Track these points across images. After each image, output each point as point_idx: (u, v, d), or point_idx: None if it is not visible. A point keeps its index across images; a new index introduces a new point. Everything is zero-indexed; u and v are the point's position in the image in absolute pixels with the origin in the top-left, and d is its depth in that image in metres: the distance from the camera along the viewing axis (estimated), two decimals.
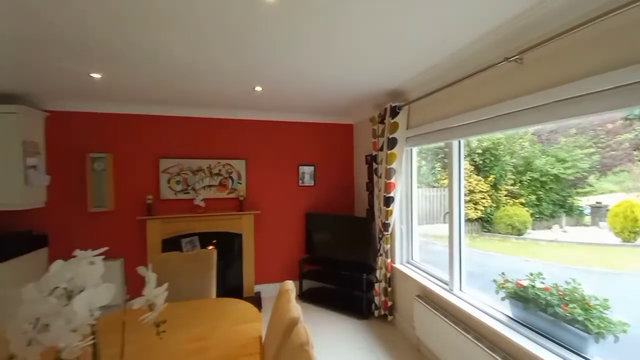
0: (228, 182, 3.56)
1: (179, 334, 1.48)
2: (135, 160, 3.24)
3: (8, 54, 1.88)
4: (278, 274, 3.72)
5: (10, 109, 2.63)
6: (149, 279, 1.04)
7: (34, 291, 0.85)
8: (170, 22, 1.53)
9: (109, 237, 3.13)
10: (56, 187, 3.00)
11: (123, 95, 2.84)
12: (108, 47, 1.80)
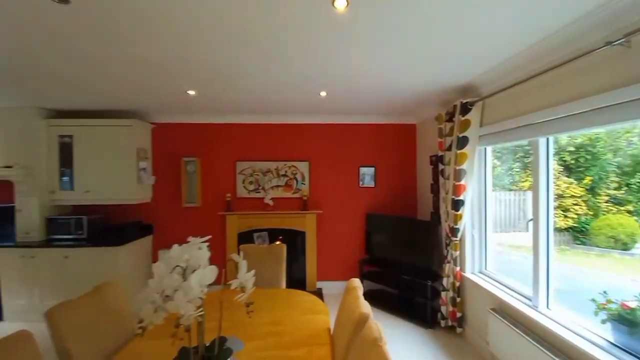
0: (293, 182, 3.81)
1: (259, 317, 1.68)
2: (218, 163, 3.73)
3: (132, 78, 2.38)
4: (338, 272, 3.82)
5: (128, 123, 3.30)
6: (241, 265, 1.22)
7: (163, 268, 1.10)
8: (246, 46, 1.75)
9: (198, 228, 3.67)
10: (159, 185, 3.65)
11: (209, 108, 3.30)
12: (201, 70, 2.15)
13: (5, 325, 2.96)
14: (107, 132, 3.27)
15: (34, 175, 3.13)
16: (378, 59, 1.99)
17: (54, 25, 1.53)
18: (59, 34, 1.61)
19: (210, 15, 1.44)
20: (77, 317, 1.34)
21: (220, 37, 1.66)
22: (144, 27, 1.56)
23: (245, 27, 1.56)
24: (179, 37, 1.67)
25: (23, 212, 3.14)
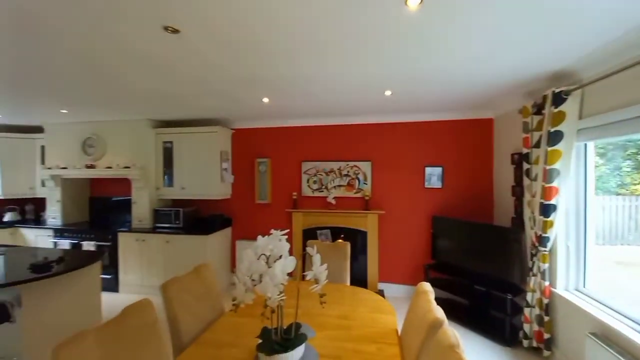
0: (355, 182, 3.85)
1: (328, 309, 1.77)
2: (285, 164, 4.01)
3: (221, 93, 2.75)
4: (401, 276, 3.72)
5: (214, 129, 3.81)
6: (315, 259, 1.33)
7: (252, 255, 1.27)
8: (315, 55, 1.85)
9: (268, 223, 4.01)
10: (237, 184, 4.12)
11: (279, 113, 3.58)
12: (275, 81, 2.36)
13: (120, 296, 3.73)
14: (198, 138, 3.84)
15: (146, 174, 3.87)
16: (453, 52, 1.89)
17: (163, 52, 1.88)
18: (169, 59, 1.98)
19: (284, 30, 1.59)
20: (183, 291, 1.64)
21: (293, 50, 1.81)
22: (238, 50, 1.81)
23: (314, 37, 1.67)
24: (259, 55, 1.88)
25: (137, 204, 3.91)
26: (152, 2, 1.33)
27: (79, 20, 1.50)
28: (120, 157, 3.90)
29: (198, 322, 1.65)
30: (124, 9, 1.39)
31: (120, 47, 1.80)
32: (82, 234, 3.83)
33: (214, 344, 1.45)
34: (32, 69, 2.15)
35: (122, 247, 3.75)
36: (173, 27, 1.56)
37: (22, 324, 2.04)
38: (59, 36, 1.66)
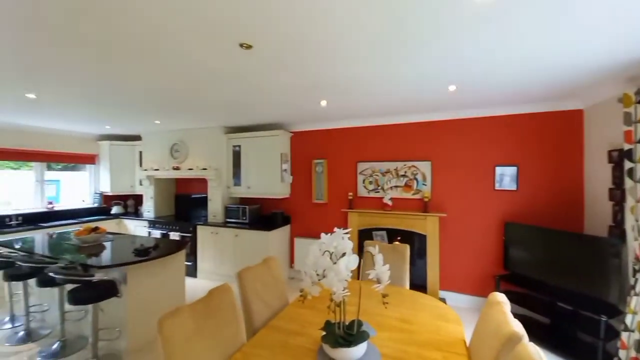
0: (413, 183, 3.71)
1: (388, 310, 1.77)
2: (341, 164, 4.09)
3: (284, 100, 2.96)
4: (466, 285, 3.46)
5: (276, 133, 4.10)
6: (378, 259, 1.35)
7: (317, 251, 1.36)
8: (378, 56, 1.86)
9: (324, 222, 4.15)
10: (295, 184, 4.35)
11: (336, 114, 3.67)
12: (334, 84, 2.44)
13: (198, 281, 4.26)
14: (261, 142, 4.19)
15: (219, 174, 4.36)
16: (525, 41, 1.71)
17: (237, 67, 2.11)
18: (241, 72, 2.21)
19: (347, 35, 1.64)
20: (254, 279, 1.83)
21: (355, 52, 1.86)
22: (302, 57, 1.94)
23: (377, 38, 1.68)
24: (322, 60, 1.98)
25: (212, 201, 4.43)
26: (232, 23, 1.52)
27: (171, 44, 1.79)
28: (199, 159, 4.49)
29: (267, 308, 1.82)
30: (206, 32, 1.62)
31: (201, 65, 2.08)
32: (169, 226, 4.51)
33: (282, 330, 1.59)
34: (134, 89, 2.63)
35: (200, 238, 4.30)
36: (247, 44, 1.76)
37: (126, 298, 2.52)
38: (155, 59, 2.00)
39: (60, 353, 2.47)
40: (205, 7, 1.37)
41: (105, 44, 1.75)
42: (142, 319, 2.61)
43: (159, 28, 1.57)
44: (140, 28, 1.57)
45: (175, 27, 1.56)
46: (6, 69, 2.11)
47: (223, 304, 1.50)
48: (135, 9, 1.39)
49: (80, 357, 2.43)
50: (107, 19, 1.47)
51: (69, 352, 2.49)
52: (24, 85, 2.49)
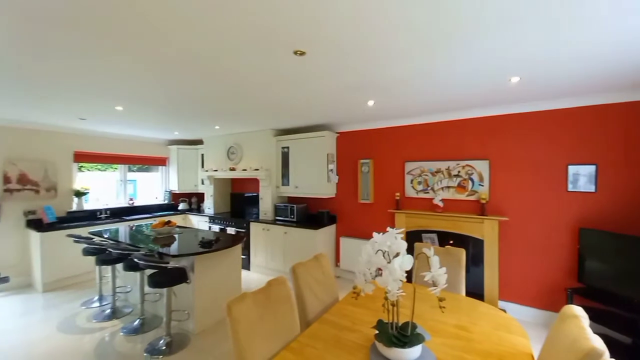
0: (468, 183, 3.48)
1: (443, 316, 1.71)
2: (388, 164, 4.02)
3: (333, 101, 3.03)
4: (531, 297, 3.13)
5: (322, 134, 4.20)
6: (434, 261, 1.32)
7: (370, 249, 1.38)
8: (432, 52, 1.79)
9: (370, 222, 4.12)
10: (341, 184, 4.40)
11: (383, 114, 3.62)
12: (382, 83, 2.42)
13: (251, 274, 4.55)
14: (308, 143, 4.32)
15: (270, 174, 4.62)
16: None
17: (290, 73, 2.22)
18: (294, 78, 2.33)
19: (399, 32, 1.63)
20: (307, 274, 1.92)
21: (407, 49, 1.83)
22: (352, 59, 1.98)
23: (429, 35, 1.64)
24: (371, 60, 1.99)
25: (263, 199, 4.71)
26: (287, 32, 1.62)
27: (232, 58, 1.97)
28: (252, 161, 4.81)
29: (319, 302, 1.90)
30: (263, 43, 1.75)
31: (258, 73, 2.24)
32: (226, 221, 4.92)
33: (334, 325, 1.64)
34: (200, 99, 2.94)
35: (253, 234, 4.60)
36: (301, 51, 1.85)
37: (194, 284, 2.83)
38: (217, 72, 2.22)
39: (140, 329, 2.87)
40: (261, 20, 1.48)
41: (181, 63, 2.01)
42: (207, 304, 2.91)
43: (223, 44, 1.74)
44: (206, 45, 1.76)
45: (236, 42, 1.72)
46: (104, 87, 2.54)
47: (280, 294, 1.60)
48: (202, 29, 1.57)
49: (156, 334, 2.79)
50: (185, 42, 1.69)
51: (147, 329, 2.88)
52: (114, 99, 2.96)
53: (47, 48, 1.80)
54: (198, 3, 1.35)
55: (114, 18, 1.47)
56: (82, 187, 4.58)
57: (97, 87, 2.55)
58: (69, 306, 3.41)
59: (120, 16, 1.46)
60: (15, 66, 2.08)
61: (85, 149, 4.65)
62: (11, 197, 3.89)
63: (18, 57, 1.93)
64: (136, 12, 1.42)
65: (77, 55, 1.90)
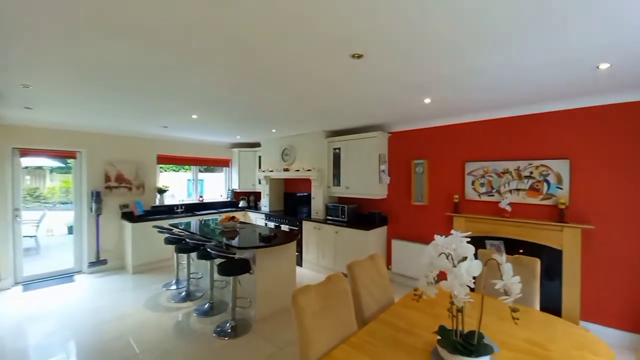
0: (542, 186, 3.11)
1: (513, 329, 1.58)
2: (445, 164, 3.81)
3: (390, 100, 3.01)
4: (620, 319, 2.66)
5: (374, 135, 4.17)
6: (506, 268, 1.24)
7: (433, 251, 1.35)
8: (501, 45, 1.66)
9: (424, 225, 3.95)
10: (393, 185, 4.31)
11: (439, 112, 3.45)
12: (442, 80, 2.32)
13: (303, 270, 4.73)
14: (360, 143, 4.34)
15: (321, 175, 4.76)
16: None
17: (346, 76, 2.28)
18: (351, 80, 2.38)
19: (466, 25, 1.55)
20: (362, 272, 1.95)
21: (475, 42, 1.74)
22: (411, 58, 1.96)
23: (500, 27, 1.53)
24: (430, 57, 1.93)
25: (315, 199, 4.87)
26: (344, 37, 1.67)
27: (295, 63, 2.10)
28: (305, 162, 5.02)
29: (374, 302, 1.91)
30: (322, 48, 1.83)
31: (316, 78, 2.35)
32: (280, 219, 5.21)
33: (391, 326, 1.64)
34: (262, 106, 3.18)
35: (305, 231, 4.79)
36: (358, 54, 1.89)
37: (256, 275, 3.07)
38: (281, 79, 2.38)
39: (209, 312, 3.22)
40: (319, 26, 1.55)
41: (254, 74, 2.23)
42: (267, 294, 3.14)
43: (289, 54, 1.88)
44: (277, 57, 1.92)
45: (301, 50, 1.84)
46: (184, 98, 2.94)
47: (338, 290, 1.67)
48: (279, 44, 1.72)
49: (223, 317, 3.11)
50: (263, 57, 1.87)
51: (215, 312, 3.23)
52: (191, 109, 3.38)
53: (149, 68, 2.16)
54: (279, 23, 1.49)
55: (205, 40, 1.71)
56: (163, 185, 5.32)
57: (179, 99, 2.96)
58: (153, 287, 4.00)
59: (213, 38, 1.69)
60: (126, 85, 2.54)
61: (165, 152, 5.39)
62: (110, 193, 4.72)
63: (130, 75, 2.36)
64: (225, 35, 1.64)
65: (168, 72, 2.24)
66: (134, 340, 2.68)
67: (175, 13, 1.44)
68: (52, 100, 2.99)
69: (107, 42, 1.74)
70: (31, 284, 4.02)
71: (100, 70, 2.17)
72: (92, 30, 1.61)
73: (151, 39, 1.70)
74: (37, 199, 7.95)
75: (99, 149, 4.62)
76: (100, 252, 4.59)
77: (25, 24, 1.55)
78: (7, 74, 2.26)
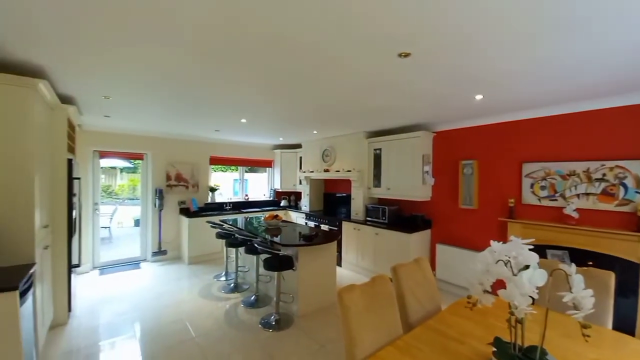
0: (617, 190, 2.73)
1: (581, 347, 1.43)
2: (498, 165, 3.53)
3: (438, 97, 2.90)
4: None
5: (418, 134, 4.04)
6: (576, 279, 1.13)
7: (489, 258, 1.28)
8: (558, 38, 1.51)
9: (473, 231, 3.72)
10: (437, 186, 4.12)
11: (491, 109, 3.21)
12: (494, 76, 2.17)
13: (343, 270, 4.74)
14: (402, 144, 4.23)
15: (361, 176, 4.75)
16: None
17: (393, 75, 2.25)
18: (397, 79, 2.35)
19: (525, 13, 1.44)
20: (407, 275, 1.91)
21: (538, 32, 1.61)
22: (461, 51, 1.88)
23: (566, 14, 1.39)
24: (483, 50, 1.83)
25: (355, 200, 4.87)
26: (392, 34, 1.66)
27: (342, 65, 2.14)
28: (345, 163, 5.05)
29: (420, 307, 1.87)
30: (368, 48, 1.84)
31: (361, 78, 2.36)
32: (320, 219, 5.31)
33: (440, 333, 1.59)
34: (306, 108, 3.28)
35: (345, 232, 4.82)
36: (405, 52, 1.87)
37: (298, 272, 3.18)
38: (327, 81, 2.44)
39: (255, 304, 3.41)
40: (366, 25, 1.56)
41: (303, 80, 2.33)
42: (308, 291, 3.23)
43: (336, 56, 1.93)
44: (321, 55, 1.98)
45: (347, 51, 1.88)
46: (236, 104, 3.16)
47: (383, 291, 1.67)
48: (318, 43, 1.78)
49: (267, 310, 3.28)
50: (314, 65, 1.96)
51: (261, 305, 3.41)
52: (241, 113, 3.62)
53: (208, 78, 2.39)
54: (325, 23, 1.56)
55: (252, 44, 1.84)
56: (215, 184, 5.77)
57: (231, 105, 3.20)
58: (206, 277, 4.36)
59: (266, 51, 1.82)
60: (190, 95, 2.83)
61: (217, 154, 5.84)
62: (171, 190, 5.25)
63: (190, 84, 2.62)
64: (281, 48, 1.75)
65: (226, 81, 2.44)
66: (190, 325, 2.95)
67: (239, 23, 1.57)
68: (125, 109, 3.44)
69: (173, 57, 1.97)
70: (105, 269, 4.66)
71: (166, 80, 2.45)
72: (166, 46, 1.83)
73: (215, 53, 1.88)
74: (109, 195, 9.16)
75: (162, 151, 5.18)
76: (162, 243, 5.14)
77: (114, 53, 1.83)
78: (93, 87, 2.67)
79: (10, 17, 1.52)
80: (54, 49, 1.90)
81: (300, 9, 1.42)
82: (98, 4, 1.40)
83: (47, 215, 2.65)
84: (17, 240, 2.12)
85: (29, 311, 1.97)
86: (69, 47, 1.86)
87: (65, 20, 1.55)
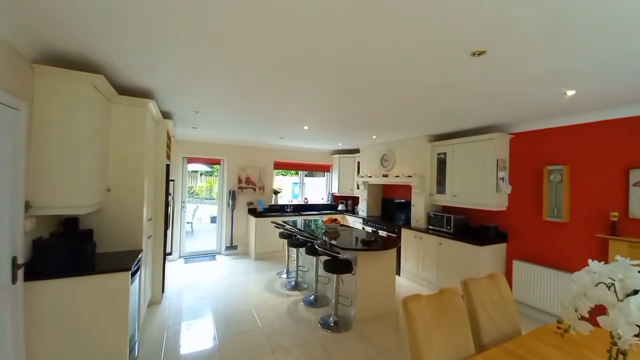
0: None
1: None
2: (594, 172, 3.00)
3: (517, 96, 2.64)
4: None
5: (490, 137, 3.68)
6: None
7: (586, 278, 1.13)
8: None
9: (562, 248, 3.21)
10: (515, 195, 3.68)
11: (586, 105, 2.76)
12: (588, 67, 1.86)
13: (401, 279, 4.57)
14: (471, 148, 3.91)
15: (423, 182, 4.53)
16: None
17: (468, 74, 2.12)
18: (470, 79, 2.21)
19: None
20: (480, 291, 1.77)
21: None
22: (548, 48, 1.69)
23: None
24: (579, 41, 1.61)
25: (416, 206, 4.67)
26: (464, 33, 1.58)
27: (409, 68, 2.12)
28: (405, 168, 4.89)
29: (495, 327, 1.71)
30: (439, 49, 1.78)
31: (432, 82, 2.29)
32: (378, 224, 5.23)
33: (519, 358, 1.44)
34: (371, 114, 3.31)
35: (404, 239, 4.65)
36: (479, 51, 1.76)
37: (357, 276, 3.19)
38: (396, 85, 2.44)
39: (314, 304, 3.54)
40: (438, 25, 1.52)
41: (368, 87, 2.39)
42: (366, 297, 3.23)
43: (403, 60, 1.93)
44: (393, 67, 2.01)
45: (415, 54, 1.86)
46: (300, 113, 3.38)
47: (452, 305, 1.58)
48: (385, 46, 1.80)
49: (325, 311, 3.37)
50: (380, 72, 2.01)
51: (319, 305, 3.53)
52: (304, 121, 3.84)
53: (285, 93, 2.63)
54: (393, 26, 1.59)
55: (338, 70, 1.98)
56: (278, 187, 6.20)
57: (295, 114, 3.43)
58: (270, 273, 4.70)
59: (345, 68, 1.94)
60: (264, 107, 3.15)
61: (280, 159, 6.28)
62: (241, 192, 5.83)
63: (266, 98, 2.92)
64: (359, 65, 1.85)
65: (301, 94, 2.66)
66: (257, 316, 3.23)
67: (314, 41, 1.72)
68: (209, 121, 3.99)
69: (254, 74, 2.24)
70: (189, 258, 5.40)
71: (242, 94, 2.78)
72: (253, 66, 2.09)
73: (294, 71, 2.08)
74: (192, 195, 10.61)
75: (235, 157, 5.81)
76: (233, 239, 5.74)
77: (208, 73, 2.18)
78: (186, 104, 3.18)
79: (138, 57, 1.94)
80: (163, 76, 2.35)
81: (381, 20, 1.48)
82: (198, 33, 1.70)
83: (151, 210, 3.23)
84: (130, 229, 2.65)
85: (136, 289, 2.43)
86: (174, 73, 2.28)
87: (176, 55, 1.91)
